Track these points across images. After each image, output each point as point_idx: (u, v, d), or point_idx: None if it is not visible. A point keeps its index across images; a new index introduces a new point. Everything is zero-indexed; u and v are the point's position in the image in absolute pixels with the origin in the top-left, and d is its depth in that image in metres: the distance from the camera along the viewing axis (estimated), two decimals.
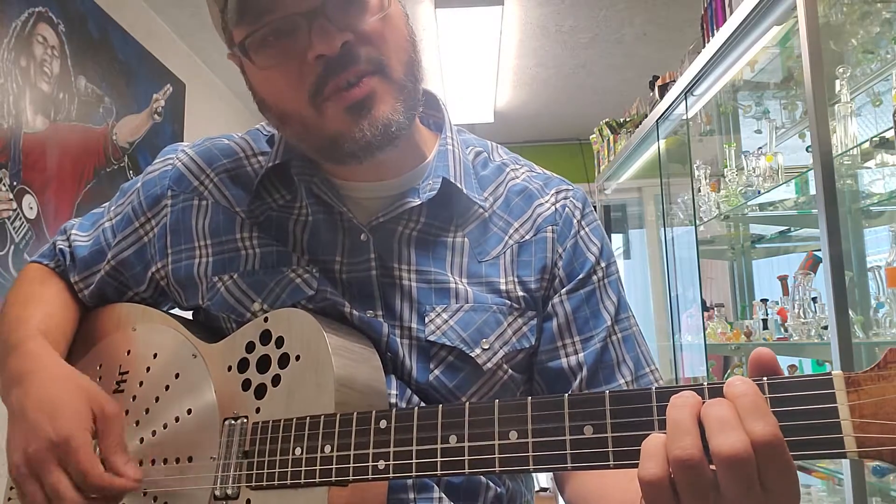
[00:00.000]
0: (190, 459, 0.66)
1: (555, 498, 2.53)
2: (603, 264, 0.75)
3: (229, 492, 0.62)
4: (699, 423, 0.43)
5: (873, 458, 0.41)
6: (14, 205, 1.93)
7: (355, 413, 0.57)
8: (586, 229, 0.76)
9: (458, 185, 0.72)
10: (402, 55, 0.66)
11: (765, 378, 0.45)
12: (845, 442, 0.42)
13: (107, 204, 0.85)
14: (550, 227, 0.74)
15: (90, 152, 2.33)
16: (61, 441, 0.61)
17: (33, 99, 2.02)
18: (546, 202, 0.76)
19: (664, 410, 0.46)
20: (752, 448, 0.41)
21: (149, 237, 0.78)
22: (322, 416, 0.59)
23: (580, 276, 0.73)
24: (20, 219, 1.95)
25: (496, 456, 0.51)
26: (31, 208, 2.00)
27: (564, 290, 0.73)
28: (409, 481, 0.66)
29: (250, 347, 0.67)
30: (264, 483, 0.60)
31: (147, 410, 0.71)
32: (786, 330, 2.00)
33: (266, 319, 0.67)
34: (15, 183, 1.93)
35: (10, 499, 0.78)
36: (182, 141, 3.00)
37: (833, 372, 0.43)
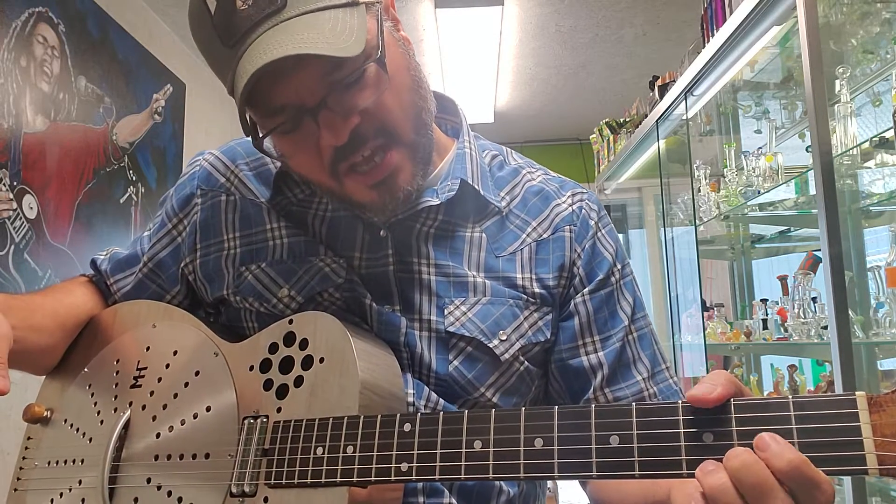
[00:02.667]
0: (207, 456, 0.66)
1: (555, 498, 2.54)
2: (619, 266, 0.77)
3: (246, 489, 0.62)
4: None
5: (893, 476, 0.43)
6: (14, 205, 1.92)
7: (379, 415, 0.58)
8: (602, 231, 0.78)
9: (476, 186, 0.74)
10: (410, 112, 0.67)
11: (790, 396, 0.47)
12: (867, 459, 0.43)
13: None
14: (568, 227, 0.76)
15: (90, 152, 2.32)
16: None
17: (33, 99, 2.01)
18: (563, 203, 0.78)
19: (690, 423, 0.48)
20: None
21: (182, 237, 0.80)
22: (345, 418, 0.59)
23: (600, 277, 0.75)
24: (20, 219, 1.95)
25: (521, 462, 0.51)
26: (32, 208, 2.00)
27: (586, 290, 0.74)
28: (420, 484, 0.66)
29: (273, 348, 0.67)
30: (283, 481, 0.60)
31: (165, 406, 0.71)
32: (786, 330, 2.01)
33: (291, 321, 0.67)
34: (15, 183, 1.93)
35: (16, 489, 0.79)
36: (182, 141, 3.00)
37: (857, 393, 0.45)
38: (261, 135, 0.66)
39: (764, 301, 2.16)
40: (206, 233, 0.78)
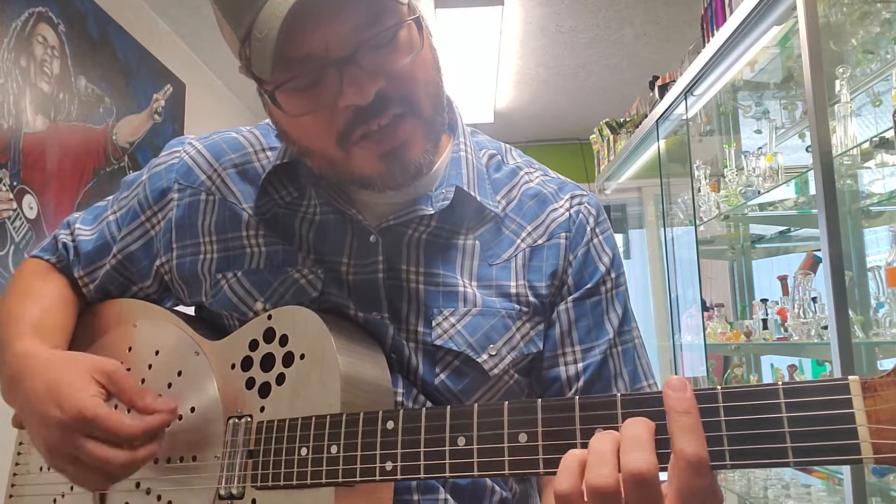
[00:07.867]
0: (194, 458, 0.66)
1: None
2: (613, 275, 0.74)
3: (234, 491, 0.62)
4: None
5: (890, 465, 0.41)
6: (14, 205, 1.93)
7: (362, 413, 0.57)
8: (600, 237, 0.75)
9: (472, 192, 0.71)
10: (431, 89, 0.65)
11: (780, 383, 0.45)
12: (861, 448, 0.41)
13: (110, 197, 0.84)
14: (564, 234, 0.73)
15: (90, 152, 2.33)
16: (74, 418, 0.60)
17: (33, 99, 2.02)
18: (560, 207, 0.75)
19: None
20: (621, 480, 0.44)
21: (155, 231, 0.77)
22: (328, 416, 0.59)
23: (588, 286, 0.72)
24: (20, 219, 1.95)
25: (506, 458, 0.50)
26: (32, 208, 2.00)
27: (571, 297, 0.72)
28: (415, 482, 0.65)
29: (254, 345, 0.66)
30: (269, 483, 0.60)
31: None
32: (786, 330, 2.00)
33: (270, 317, 0.66)
34: (15, 183, 1.93)
35: (11, 496, 0.78)
36: None
37: (850, 377, 0.42)
38: (275, 88, 0.61)
39: (764, 301, 2.15)
40: (182, 232, 0.75)
